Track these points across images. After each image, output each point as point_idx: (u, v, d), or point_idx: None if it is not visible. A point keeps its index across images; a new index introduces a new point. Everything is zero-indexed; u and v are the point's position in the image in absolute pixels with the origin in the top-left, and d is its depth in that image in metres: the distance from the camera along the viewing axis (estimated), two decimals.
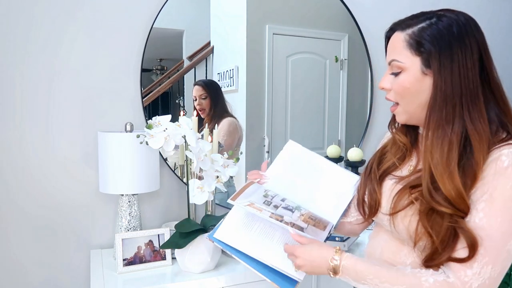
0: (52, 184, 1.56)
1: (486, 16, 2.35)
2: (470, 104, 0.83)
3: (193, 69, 1.78)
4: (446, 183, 0.80)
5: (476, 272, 0.77)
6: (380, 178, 0.99)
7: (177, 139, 1.27)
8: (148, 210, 1.69)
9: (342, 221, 1.11)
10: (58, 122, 1.55)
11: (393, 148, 1.01)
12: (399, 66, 0.88)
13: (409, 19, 0.90)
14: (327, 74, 2.02)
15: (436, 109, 0.85)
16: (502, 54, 2.44)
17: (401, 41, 0.88)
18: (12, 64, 1.48)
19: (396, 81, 0.90)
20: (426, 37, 0.85)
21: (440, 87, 0.84)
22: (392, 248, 0.95)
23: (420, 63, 0.86)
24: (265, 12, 1.87)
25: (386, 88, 0.93)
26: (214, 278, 1.35)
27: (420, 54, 0.86)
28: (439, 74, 0.84)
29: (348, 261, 0.88)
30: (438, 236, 0.81)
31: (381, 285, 0.84)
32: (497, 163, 0.79)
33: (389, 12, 2.05)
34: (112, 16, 1.58)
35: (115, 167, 1.42)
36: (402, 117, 0.93)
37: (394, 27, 0.92)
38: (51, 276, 1.58)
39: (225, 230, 1.02)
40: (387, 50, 0.93)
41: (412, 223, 0.86)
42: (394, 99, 0.92)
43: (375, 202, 0.97)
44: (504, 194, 0.77)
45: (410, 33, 0.87)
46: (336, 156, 1.84)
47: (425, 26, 0.86)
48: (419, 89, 0.87)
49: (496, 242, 0.77)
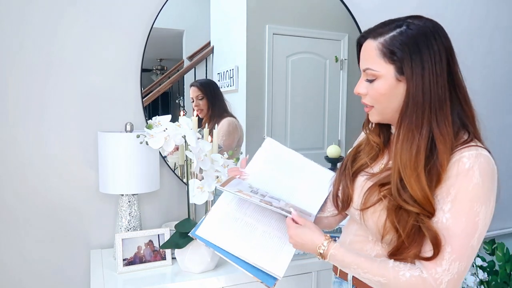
0: (52, 184, 1.56)
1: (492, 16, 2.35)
2: (437, 109, 0.88)
3: (193, 69, 1.78)
4: (413, 185, 0.86)
5: (445, 269, 0.84)
6: (353, 175, 1.05)
7: (177, 139, 1.27)
8: (148, 210, 1.69)
9: (319, 216, 1.16)
10: (58, 122, 1.55)
11: (366, 148, 1.07)
12: (373, 74, 0.93)
13: (380, 27, 0.94)
14: (327, 74, 2.02)
15: (408, 114, 0.90)
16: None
17: (374, 50, 0.92)
18: (12, 64, 1.48)
19: (371, 87, 0.94)
20: (397, 45, 0.89)
21: (412, 94, 0.88)
22: (360, 240, 1.02)
23: (394, 71, 0.90)
24: (265, 12, 1.87)
25: (361, 94, 0.98)
26: (214, 278, 1.35)
27: (393, 62, 0.90)
28: (411, 81, 0.88)
29: (336, 251, 0.95)
30: (404, 231, 0.87)
31: (364, 275, 0.91)
32: (459, 165, 0.85)
33: (389, 12, 2.04)
34: (112, 16, 1.58)
35: (115, 167, 1.42)
36: (375, 118, 0.99)
37: (365, 34, 0.96)
38: (51, 276, 1.58)
39: (207, 227, 1.04)
40: (360, 57, 0.97)
41: (381, 218, 0.92)
42: (370, 103, 0.97)
43: (347, 197, 1.04)
44: (467, 195, 0.83)
45: (383, 42, 0.91)
46: (336, 156, 1.84)
47: (396, 34, 0.90)
48: (393, 94, 0.92)
49: (462, 240, 0.83)
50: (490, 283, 2.31)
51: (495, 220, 0.94)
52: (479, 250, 2.56)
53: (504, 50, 2.43)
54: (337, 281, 1.10)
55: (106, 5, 1.57)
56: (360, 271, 0.91)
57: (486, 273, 2.30)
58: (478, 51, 2.34)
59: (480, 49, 2.35)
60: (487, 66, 2.39)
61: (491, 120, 2.44)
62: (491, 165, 0.87)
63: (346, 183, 1.05)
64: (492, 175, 0.86)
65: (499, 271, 2.32)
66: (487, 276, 2.31)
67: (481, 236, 0.85)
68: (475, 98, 0.96)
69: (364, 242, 1.01)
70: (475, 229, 0.84)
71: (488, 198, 0.85)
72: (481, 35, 2.34)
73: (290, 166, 1.19)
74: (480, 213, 0.84)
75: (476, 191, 0.84)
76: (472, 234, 0.84)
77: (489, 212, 0.86)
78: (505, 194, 0.94)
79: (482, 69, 2.37)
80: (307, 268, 1.45)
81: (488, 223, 0.86)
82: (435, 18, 0.94)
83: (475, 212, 0.84)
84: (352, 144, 1.16)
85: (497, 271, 2.34)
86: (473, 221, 0.84)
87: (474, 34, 2.31)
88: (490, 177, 0.86)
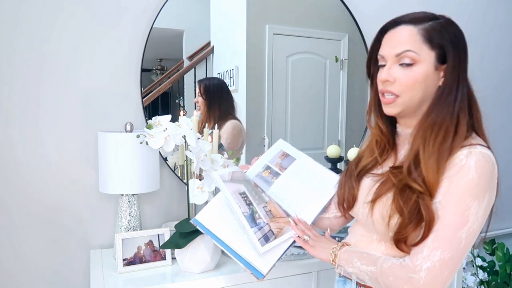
0: (52, 184, 1.56)
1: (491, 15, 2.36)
2: (464, 97, 0.93)
3: (193, 69, 1.78)
4: (430, 167, 0.88)
5: (426, 255, 0.86)
6: (358, 175, 1.07)
7: (177, 139, 1.27)
8: (148, 210, 1.69)
9: (322, 217, 1.17)
10: (58, 122, 1.55)
11: (368, 149, 1.09)
12: (413, 58, 0.91)
13: (416, 15, 0.93)
14: (327, 74, 2.02)
15: (441, 101, 0.92)
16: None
17: (415, 34, 0.91)
18: (12, 64, 1.48)
19: (407, 73, 0.92)
20: (440, 34, 0.90)
21: (450, 83, 0.91)
22: (365, 240, 1.04)
23: (435, 58, 0.91)
24: (265, 12, 1.87)
25: (390, 80, 0.94)
26: (214, 278, 1.35)
27: (435, 49, 0.91)
28: (451, 70, 0.91)
29: (343, 250, 1.02)
30: (407, 208, 0.88)
31: (361, 267, 0.96)
32: (457, 161, 0.87)
33: (389, 12, 2.05)
34: (112, 16, 1.58)
35: (115, 167, 1.42)
36: (395, 110, 0.97)
37: (399, 20, 0.94)
38: (51, 276, 1.58)
39: (206, 214, 1.08)
40: (391, 42, 0.94)
41: (387, 202, 0.94)
42: (398, 91, 0.94)
43: (352, 197, 1.06)
44: (459, 188, 0.85)
45: (424, 28, 0.91)
46: (336, 156, 1.84)
47: (436, 25, 0.91)
48: (429, 82, 0.92)
49: (447, 230, 0.85)
50: (490, 283, 2.32)
51: (495, 220, 0.94)
52: (479, 250, 2.57)
53: (501, 49, 2.43)
54: (340, 279, 1.10)
55: (106, 5, 1.57)
56: (359, 263, 0.96)
57: (486, 273, 2.30)
58: (476, 50, 2.34)
59: (478, 48, 2.35)
60: (485, 65, 2.39)
61: (491, 120, 2.44)
62: (489, 163, 0.87)
63: (351, 184, 1.06)
64: (489, 173, 0.86)
65: (499, 271, 2.33)
66: (487, 276, 2.31)
67: (473, 231, 0.86)
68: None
69: (369, 242, 1.02)
70: (464, 222, 0.85)
71: (482, 195, 0.86)
72: (479, 34, 2.35)
73: (298, 168, 1.22)
74: (471, 208, 0.85)
75: (469, 185, 0.85)
76: (460, 226, 0.85)
77: (483, 208, 0.86)
78: (505, 194, 0.94)
79: (481, 68, 2.37)
80: (307, 268, 1.45)
81: (481, 219, 0.87)
82: None
83: (466, 206, 0.85)
84: (352, 144, 1.17)
85: (497, 271, 2.34)
86: (463, 214, 0.85)
87: (472, 34, 2.31)
88: (487, 175, 0.86)
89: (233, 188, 1.08)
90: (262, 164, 1.23)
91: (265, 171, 1.20)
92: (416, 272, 0.86)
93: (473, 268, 2.33)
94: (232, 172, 1.13)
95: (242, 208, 1.05)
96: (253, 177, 1.20)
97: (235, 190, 1.08)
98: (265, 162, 1.23)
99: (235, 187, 1.09)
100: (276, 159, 1.23)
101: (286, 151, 1.25)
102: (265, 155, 1.25)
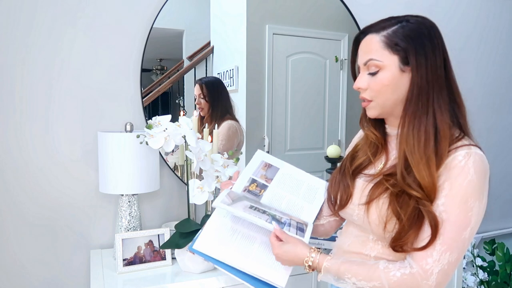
0: (52, 184, 1.56)
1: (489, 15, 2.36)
2: (440, 97, 0.92)
3: (193, 69, 1.78)
4: (422, 170, 0.88)
5: (436, 259, 0.86)
6: (353, 173, 1.06)
7: (177, 139, 1.27)
8: (148, 210, 1.69)
9: (316, 224, 1.16)
10: (58, 122, 1.55)
11: (364, 147, 1.08)
12: (377, 65, 0.94)
13: (380, 23, 0.97)
14: (327, 74, 2.02)
15: (413, 102, 0.92)
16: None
17: (377, 42, 0.94)
18: (13, 64, 1.48)
19: (374, 80, 0.95)
20: (401, 37, 0.92)
21: (417, 82, 0.92)
22: (360, 241, 1.02)
23: (398, 61, 0.92)
24: (265, 12, 1.87)
25: (362, 88, 0.98)
26: (214, 278, 1.36)
27: (397, 53, 0.92)
28: (416, 70, 0.91)
29: (330, 263, 0.95)
30: (405, 215, 0.89)
31: (359, 283, 0.91)
32: (454, 163, 0.88)
33: (389, 12, 2.05)
34: (112, 16, 1.58)
35: (115, 167, 1.42)
36: (374, 112, 0.99)
37: (365, 30, 0.98)
38: (51, 276, 1.58)
39: (204, 240, 1.03)
40: (360, 52, 0.99)
41: (384, 206, 0.93)
42: (370, 97, 0.98)
43: (347, 195, 1.04)
44: (461, 190, 0.86)
45: (386, 35, 0.94)
46: (336, 156, 1.84)
47: (398, 28, 0.93)
48: (397, 85, 0.94)
49: (454, 232, 0.86)
50: (490, 283, 2.32)
51: (495, 220, 0.95)
52: (479, 250, 2.57)
53: (495, 49, 2.43)
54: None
55: (106, 5, 1.57)
56: (354, 280, 0.91)
57: (486, 273, 2.31)
58: (471, 48, 2.34)
59: (472, 46, 2.35)
60: (479, 64, 2.38)
61: (491, 120, 2.44)
62: (484, 163, 0.89)
63: (347, 183, 1.05)
64: (485, 173, 0.89)
65: (499, 271, 2.33)
66: (487, 276, 2.31)
67: (473, 231, 0.88)
68: (468, 96, 0.99)
69: (365, 242, 1.01)
70: (468, 223, 0.86)
71: (481, 195, 0.88)
72: (473, 33, 2.35)
73: (285, 178, 1.19)
74: (473, 208, 0.86)
75: (470, 187, 0.86)
76: (464, 228, 0.86)
77: (482, 208, 0.89)
78: (505, 194, 0.95)
79: (474, 67, 2.36)
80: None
81: (480, 219, 0.89)
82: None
83: (469, 207, 0.86)
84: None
85: (497, 271, 2.34)
86: (466, 215, 0.86)
87: (466, 32, 2.32)
88: (484, 175, 0.88)
89: (240, 207, 1.04)
90: (247, 178, 1.16)
91: (252, 184, 1.15)
92: (428, 277, 0.86)
93: (473, 268, 2.33)
94: (227, 194, 1.07)
95: (262, 218, 1.01)
96: (241, 193, 1.14)
97: (244, 208, 1.03)
98: (249, 175, 1.17)
99: (241, 205, 1.05)
100: (260, 171, 1.18)
101: (267, 162, 1.21)
102: (247, 169, 1.19)
